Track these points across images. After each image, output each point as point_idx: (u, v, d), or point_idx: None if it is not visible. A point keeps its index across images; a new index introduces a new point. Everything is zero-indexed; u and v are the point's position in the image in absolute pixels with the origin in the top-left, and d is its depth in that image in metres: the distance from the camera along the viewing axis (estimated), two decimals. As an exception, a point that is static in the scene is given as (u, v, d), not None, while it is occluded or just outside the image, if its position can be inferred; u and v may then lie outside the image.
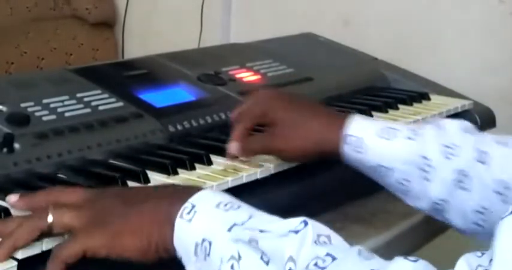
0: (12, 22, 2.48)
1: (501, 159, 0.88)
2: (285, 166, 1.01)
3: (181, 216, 0.70)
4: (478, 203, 0.88)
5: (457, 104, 1.34)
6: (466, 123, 0.94)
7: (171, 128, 1.09)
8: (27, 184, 0.90)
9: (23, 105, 1.03)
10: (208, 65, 1.30)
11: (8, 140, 0.94)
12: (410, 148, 0.91)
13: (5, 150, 0.93)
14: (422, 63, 1.72)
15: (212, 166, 0.99)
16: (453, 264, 0.60)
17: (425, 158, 0.90)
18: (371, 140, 0.92)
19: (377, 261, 0.63)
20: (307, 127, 0.96)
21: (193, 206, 0.70)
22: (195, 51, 1.48)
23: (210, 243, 0.68)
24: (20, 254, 0.74)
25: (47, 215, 0.74)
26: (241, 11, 2.36)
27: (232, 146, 1.00)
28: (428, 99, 1.37)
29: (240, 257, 0.66)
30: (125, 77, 1.20)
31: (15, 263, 0.73)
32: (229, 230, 0.68)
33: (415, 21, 1.99)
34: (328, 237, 0.66)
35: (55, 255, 0.72)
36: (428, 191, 0.90)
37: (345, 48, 1.58)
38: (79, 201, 0.77)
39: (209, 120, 1.14)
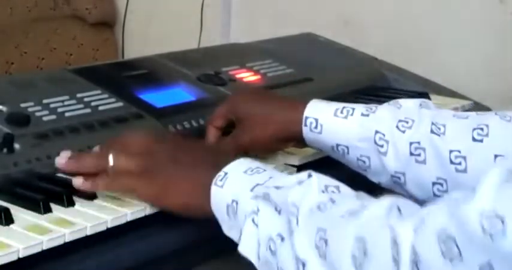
0: (12, 22, 2.49)
1: (457, 130, 0.88)
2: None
3: (215, 183, 0.79)
4: (435, 175, 0.88)
5: (456, 104, 1.34)
6: (426, 101, 0.95)
7: (171, 128, 1.09)
8: (27, 184, 0.90)
9: (23, 105, 1.03)
10: (208, 65, 1.30)
11: (8, 140, 0.94)
12: (364, 124, 0.92)
13: (5, 150, 0.93)
14: (423, 63, 1.72)
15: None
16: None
17: (378, 132, 0.91)
18: (327, 120, 0.94)
19: (368, 200, 0.71)
20: (271, 115, 0.98)
21: (225, 174, 0.79)
22: (195, 51, 1.48)
23: (237, 203, 0.77)
24: (21, 253, 0.74)
25: (108, 158, 0.85)
26: (241, 11, 2.36)
27: None
28: (428, 99, 1.36)
29: (258, 211, 0.74)
30: (125, 77, 1.19)
31: (16, 257, 0.74)
32: (252, 189, 0.76)
33: (415, 21, 1.99)
34: (337, 187, 0.74)
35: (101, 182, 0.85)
36: (385, 165, 0.91)
37: (345, 48, 1.58)
38: (139, 148, 0.85)
39: (209, 120, 1.14)
